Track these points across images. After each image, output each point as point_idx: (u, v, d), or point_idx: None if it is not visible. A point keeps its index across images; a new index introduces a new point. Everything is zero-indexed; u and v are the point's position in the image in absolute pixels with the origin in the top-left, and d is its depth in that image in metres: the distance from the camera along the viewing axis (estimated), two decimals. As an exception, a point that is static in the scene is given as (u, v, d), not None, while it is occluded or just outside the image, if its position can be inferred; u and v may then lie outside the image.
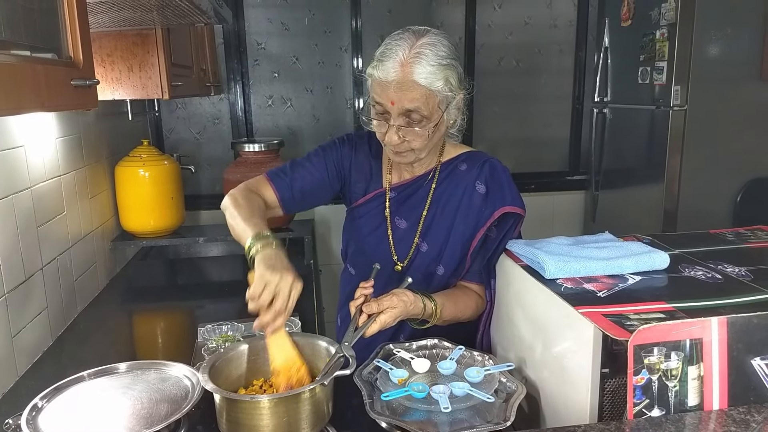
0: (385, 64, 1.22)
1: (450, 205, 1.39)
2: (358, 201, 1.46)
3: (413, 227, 1.41)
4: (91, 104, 1.15)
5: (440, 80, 1.21)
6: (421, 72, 1.20)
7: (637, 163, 3.02)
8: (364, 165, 1.46)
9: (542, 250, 1.17)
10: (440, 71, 1.21)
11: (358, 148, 1.46)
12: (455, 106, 1.30)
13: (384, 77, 1.22)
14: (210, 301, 2.12)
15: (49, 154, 1.78)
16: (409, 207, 1.42)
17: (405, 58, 1.20)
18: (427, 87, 1.21)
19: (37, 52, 1.01)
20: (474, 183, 1.39)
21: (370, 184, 1.45)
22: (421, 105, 1.22)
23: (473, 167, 1.41)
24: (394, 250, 1.42)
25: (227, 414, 0.98)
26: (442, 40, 1.24)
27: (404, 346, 1.27)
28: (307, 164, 1.44)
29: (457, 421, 1.02)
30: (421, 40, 1.22)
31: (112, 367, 1.19)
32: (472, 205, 1.38)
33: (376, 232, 1.44)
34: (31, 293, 1.61)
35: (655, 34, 2.73)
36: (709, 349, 0.86)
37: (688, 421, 0.83)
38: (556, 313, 1.03)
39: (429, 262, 1.40)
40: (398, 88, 1.21)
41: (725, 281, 1.07)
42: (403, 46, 1.21)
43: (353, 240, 1.49)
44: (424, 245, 1.40)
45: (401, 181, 1.44)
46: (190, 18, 1.72)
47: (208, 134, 3.33)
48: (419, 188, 1.42)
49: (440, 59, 1.21)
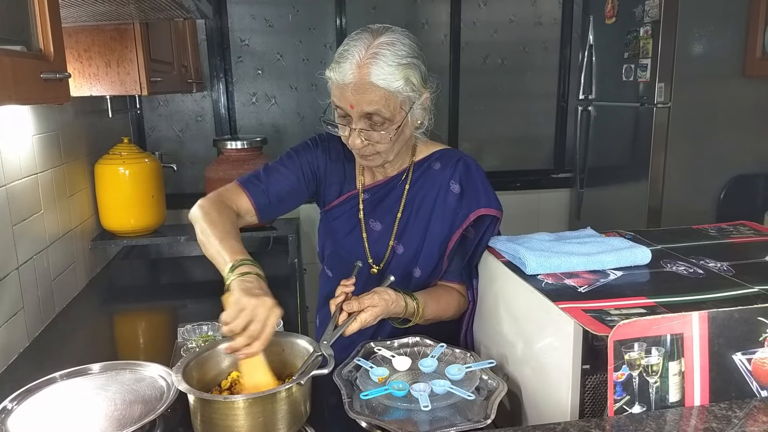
0: (342, 66, 1.18)
1: (424, 206, 1.36)
2: (332, 203, 1.43)
3: (388, 229, 1.38)
4: (63, 98, 1.12)
5: (399, 80, 1.17)
6: (378, 73, 1.16)
7: (621, 161, 3.03)
8: (337, 166, 1.42)
9: (523, 245, 1.15)
10: (399, 71, 1.17)
11: (330, 148, 1.42)
12: (420, 106, 1.26)
13: (341, 80, 1.18)
14: (192, 301, 2.09)
15: (24, 151, 1.74)
16: (383, 209, 1.39)
17: (361, 59, 1.16)
18: (385, 88, 1.17)
19: (5, 44, 0.99)
20: (448, 183, 1.35)
21: (344, 186, 1.42)
22: (381, 107, 1.18)
23: (447, 166, 1.37)
24: (369, 253, 1.40)
25: (201, 415, 0.96)
26: (401, 39, 1.20)
27: (385, 344, 1.25)
28: (281, 168, 1.39)
29: (438, 419, 1.01)
30: (378, 39, 1.18)
31: (86, 368, 1.16)
32: (447, 206, 1.35)
33: (351, 234, 1.41)
34: (6, 293, 1.57)
35: (639, 31, 2.74)
36: (690, 345, 0.85)
37: (669, 417, 0.82)
38: (536, 309, 1.02)
39: (406, 263, 1.38)
40: (356, 91, 1.17)
41: (707, 276, 1.06)
42: (359, 46, 1.18)
43: (329, 242, 1.46)
44: (400, 247, 1.38)
45: (374, 182, 1.40)
46: (168, 12, 1.69)
47: (190, 132, 3.29)
48: (393, 189, 1.39)
49: (399, 59, 1.17)
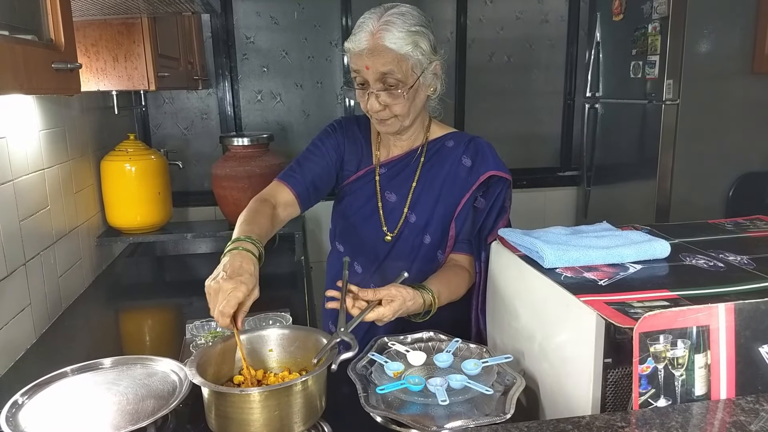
0: (357, 36, 1.32)
1: (438, 178, 1.46)
2: (349, 178, 1.52)
3: (402, 200, 1.48)
4: (74, 89, 1.11)
5: (409, 45, 1.30)
6: (389, 38, 1.29)
7: (629, 158, 3.01)
8: (355, 145, 1.53)
9: (540, 239, 1.14)
10: (408, 36, 1.30)
11: (348, 130, 1.54)
12: (431, 72, 1.38)
13: (357, 47, 1.32)
14: (198, 298, 2.04)
15: (32, 146, 1.73)
16: (399, 182, 1.48)
17: (374, 28, 1.30)
18: (396, 51, 1.29)
19: (18, 33, 0.97)
20: (460, 158, 1.46)
21: (362, 162, 1.52)
22: (394, 68, 1.30)
23: (459, 144, 1.48)
24: (384, 221, 1.48)
25: (216, 409, 0.94)
26: (411, 11, 1.33)
27: (399, 339, 1.23)
28: (311, 156, 1.50)
29: (455, 414, 0.99)
30: (390, 11, 1.32)
31: (97, 363, 1.15)
32: (458, 177, 1.45)
33: (367, 206, 1.50)
34: (14, 289, 1.56)
35: (647, 28, 2.72)
36: (716, 337, 0.83)
37: (696, 410, 0.81)
38: (556, 303, 1.00)
39: (417, 232, 1.47)
40: (370, 55, 1.30)
41: (728, 269, 1.05)
42: (373, 18, 1.32)
43: (343, 217, 1.55)
44: (413, 216, 1.47)
45: (390, 157, 1.50)
46: (176, 6, 1.67)
47: (195, 130, 3.27)
48: (408, 164, 1.49)
49: (408, 26, 1.30)
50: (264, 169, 2.62)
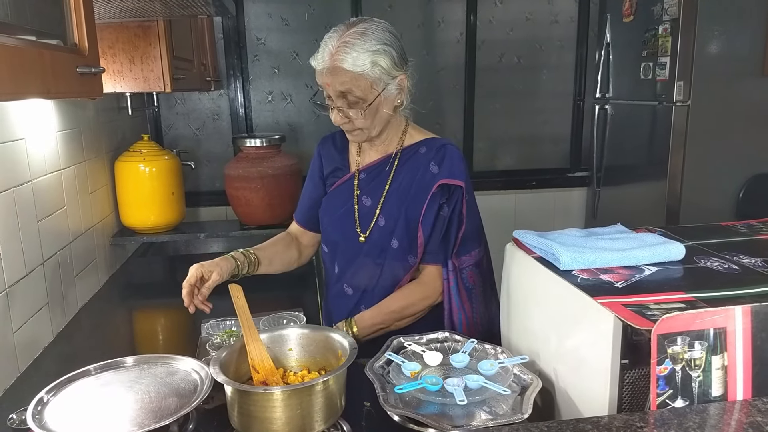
0: (318, 54, 1.38)
1: (406, 184, 1.51)
2: (333, 186, 1.61)
3: (375, 203, 1.53)
4: (97, 92, 1.13)
5: (366, 64, 1.34)
6: (345, 59, 1.34)
7: (639, 160, 3.01)
8: (331, 159, 1.62)
9: (556, 241, 1.15)
10: (366, 56, 1.34)
11: (323, 149, 1.64)
12: (396, 86, 1.42)
13: (318, 65, 1.39)
14: (211, 298, 2.08)
15: (49, 147, 1.76)
16: (374, 186, 1.54)
17: (333, 48, 1.35)
18: (352, 71, 1.34)
19: (43, 38, 0.99)
20: (429, 164, 1.50)
21: (340, 172, 1.60)
22: (353, 87, 1.36)
23: (431, 150, 1.52)
24: (358, 223, 1.54)
25: (239, 407, 0.96)
26: (373, 29, 1.37)
27: (414, 339, 1.25)
28: (308, 184, 1.66)
29: (472, 414, 1.01)
30: (351, 29, 1.36)
31: (119, 361, 1.16)
32: (424, 183, 1.49)
33: (344, 209, 1.56)
34: (33, 288, 1.58)
35: (658, 29, 2.72)
36: (732, 339, 0.84)
37: (713, 411, 0.82)
38: (572, 305, 1.01)
39: (385, 235, 1.52)
40: (329, 74, 1.36)
41: (743, 272, 1.05)
42: (334, 37, 1.36)
43: (326, 218, 1.62)
44: (382, 220, 1.52)
45: (368, 163, 1.57)
46: (193, 9, 1.69)
47: (207, 130, 3.30)
48: (383, 170, 1.54)
49: (368, 46, 1.35)
50: (276, 169, 2.64)
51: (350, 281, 1.56)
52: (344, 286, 1.57)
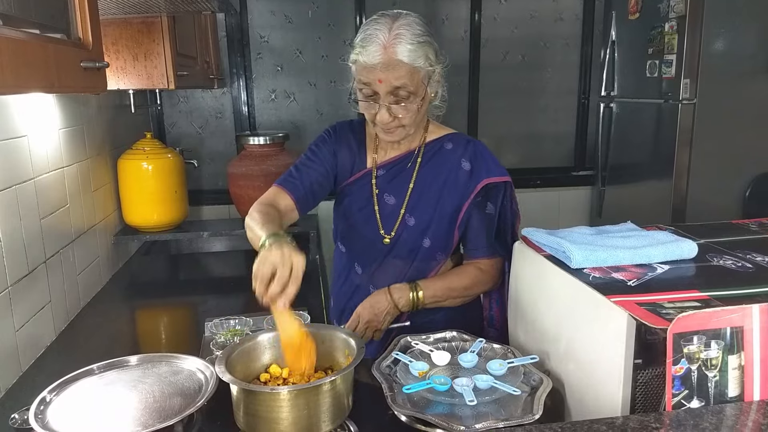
0: (368, 49, 1.29)
1: (437, 182, 1.46)
2: (346, 180, 1.53)
3: (400, 202, 1.48)
4: (101, 87, 1.11)
5: (421, 57, 1.30)
6: (403, 51, 1.28)
7: (644, 158, 2.99)
8: (348, 149, 1.53)
9: (566, 239, 1.13)
10: (420, 48, 1.29)
11: (340, 135, 1.54)
12: (435, 80, 1.38)
13: (369, 61, 1.29)
14: (214, 297, 2.08)
15: (52, 145, 1.74)
16: (396, 183, 1.49)
17: (386, 41, 1.28)
18: (410, 64, 1.29)
19: (47, 31, 0.98)
20: (459, 161, 1.46)
21: (355, 166, 1.52)
22: (407, 81, 1.30)
23: (458, 146, 1.48)
24: (381, 224, 1.49)
25: (245, 407, 0.94)
26: (416, 20, 1.33)
27: (422, 339, 1.23)
28: (308, 162, 1.50)
29: (482, 414, 0.99)
30: (397, 22, 1.30)
31: (122, 360, 1.15)
32: (458, 181, 1.45)
33: (365, 208, 1.50)
34: (35, 286, 1.57)
35: (664, 27, 2.70)
36: (749, 338, 0.83)
37: (729, 412, 0.80)
38: (584, 303, 1.00)
39: (416, 235, 1.47)
40: (384, 69, 1.29)
41: (757, 270, 1.04)
42: (382, 30, 1.29)
43: (343, 218, 1.56)
44: (411, 219, 1.47)
45: (388, 159, 1.50)
46: (196, 4, 1.68)
47: (210, 129, 3.28)
48: (405, 166, 1.49)
49: (417, 37, 1.30)
50: (280, 168, 2.62)
51: (376, 282, 1.50)
52: (370, 287, 1.50)
